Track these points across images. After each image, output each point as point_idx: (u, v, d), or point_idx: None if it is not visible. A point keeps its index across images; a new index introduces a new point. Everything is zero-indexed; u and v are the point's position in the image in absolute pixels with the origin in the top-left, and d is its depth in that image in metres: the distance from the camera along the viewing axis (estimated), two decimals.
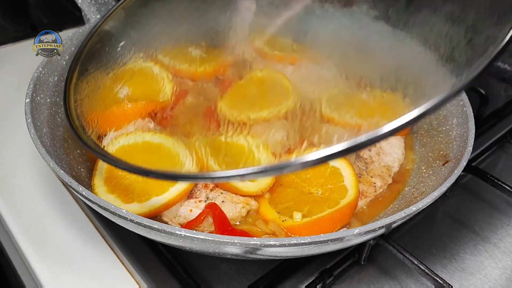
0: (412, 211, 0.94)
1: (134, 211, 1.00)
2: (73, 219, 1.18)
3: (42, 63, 1.22)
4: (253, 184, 1.12)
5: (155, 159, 1.11)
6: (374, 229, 0.90)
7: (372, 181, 1.21)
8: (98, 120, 1.23)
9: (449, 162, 1.16)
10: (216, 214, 1.05)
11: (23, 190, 1.25)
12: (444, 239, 1.27)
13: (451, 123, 1.28)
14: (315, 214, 1.08)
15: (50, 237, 1.14)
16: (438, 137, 1.30)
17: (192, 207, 1.08)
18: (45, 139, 1.10)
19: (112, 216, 0.91)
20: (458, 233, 1.29)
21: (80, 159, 1.20)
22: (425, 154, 1.30)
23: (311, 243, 0.86)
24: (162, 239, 0.92)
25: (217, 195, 1.10)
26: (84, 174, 1.16)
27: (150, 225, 0.86)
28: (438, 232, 1.29)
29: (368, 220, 1.16)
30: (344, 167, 1.17)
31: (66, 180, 0.94)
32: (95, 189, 1.07)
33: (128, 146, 1.13)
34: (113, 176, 1.08)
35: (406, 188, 1.23)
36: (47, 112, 1.19)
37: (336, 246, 0.93)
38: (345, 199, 1.11)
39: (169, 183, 1.06)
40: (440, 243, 1.26)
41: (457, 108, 1.28)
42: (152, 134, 1.16)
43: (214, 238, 0.84)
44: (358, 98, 1.36)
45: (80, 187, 0.92)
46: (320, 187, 1.14)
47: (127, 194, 1.05)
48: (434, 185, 1.11)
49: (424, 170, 1.24)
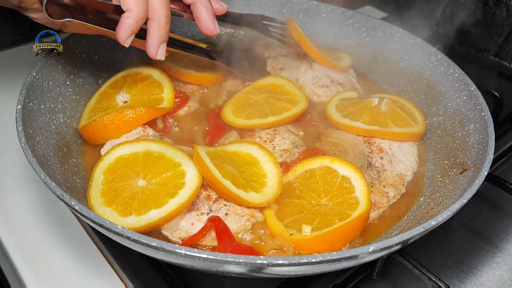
0: (431, 226, 0.88)
1: (131, 225, 0.94)
2: (59, 218, 1.17)
3: (36, 67, 1.16)
4: (258, 195, 1.06)
5: (156, 169, 1.04)
6: (391, 246, 0.83)
7: (384, 191, 1.14)
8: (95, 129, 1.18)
9: (468, 170, 1.09)
10: (219, 228, 0.98)
11: (14, 199, 1.22)
12: (460, 251, 1.20)
13: (467, 128, 1.21)
14: (325, 228, 1.01)
15: (35, 237, 1.13)
16: (454, 144, 1.23)
17: (193, 220, 1.01)
18: (37, 148, 1.04)
19: (107, 232, 0.85)
20: (475, 245, 1.22)
21: (75, 169, 1.14)
22: (439, 162, 1.24)
23: (322, 261, 0.79)
24: (161, 257, 0.86)
25: (221, 207, 1.04)
26: (80, 184, 1.10)
27: (148, 242, 0.79)
28: (454, 244, 1.22)
29: (381, 232, 1.09)
30: (355, 176, 1.10)
31: (57, 193, 0.88)
32: (90, 201, 1.00)
33: (127, 156, 1.07)
34: (110, 188, 1.01)
35: (421, 198, 1.16)
36: (41, 119, 1.13)
37: (349, 264, 0.87)
38: (357, 211, 1.04)
39: (169, 194, 1.00)
40: (456, 255, 1.19)
41: (474, 113, 1.21)
42: (152, 143, 1.10)
43: (217, 257, 0.77)
44: (368, 104, 1.30)
45: (72, 201, 0.86)
46: (330, 198, 1.08)
47: (125, 206, 0.98)
48: (452, 195, 1.04)
49: (439, 179, 1.18)
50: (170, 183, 1.02)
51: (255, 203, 1.04)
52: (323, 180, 1.11)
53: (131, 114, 1.18)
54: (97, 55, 1.38)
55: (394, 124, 1.24)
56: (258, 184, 1.08)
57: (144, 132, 1.19)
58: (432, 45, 1.43)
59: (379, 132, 1.23)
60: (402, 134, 1.23)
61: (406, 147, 1.23)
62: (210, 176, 1.01)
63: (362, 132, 1.24)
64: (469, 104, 1.25)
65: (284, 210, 1.07)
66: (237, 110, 1.28)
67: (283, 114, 1.26)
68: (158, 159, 1.07)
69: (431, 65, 1.43)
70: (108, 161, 1.07)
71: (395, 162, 1.20)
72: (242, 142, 1.18)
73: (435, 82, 1.39)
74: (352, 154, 1.18)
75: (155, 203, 0.98)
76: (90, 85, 1.34)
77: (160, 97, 1.25)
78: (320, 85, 1.42)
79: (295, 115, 1.27)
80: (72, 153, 1.17)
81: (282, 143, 1.20)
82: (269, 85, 1.37)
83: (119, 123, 1.17)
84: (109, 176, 1.04)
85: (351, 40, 1.62)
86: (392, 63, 1.53)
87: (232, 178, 1.05)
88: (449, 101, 1.33)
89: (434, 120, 1.34)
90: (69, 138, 1.20)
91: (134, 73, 1.31)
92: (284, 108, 1.28)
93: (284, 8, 1.65)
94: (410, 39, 1.49)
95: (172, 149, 1.09)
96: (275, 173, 1.11)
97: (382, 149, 1.21)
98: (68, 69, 1.27)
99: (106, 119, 1.17)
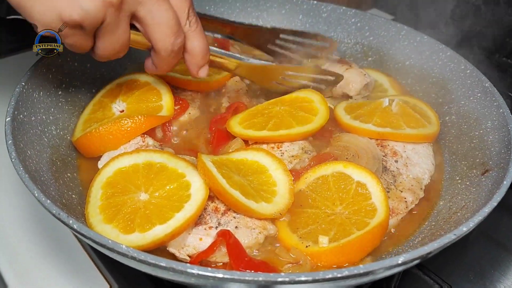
0: (462, 232, 0.81)
1: (135, 243, 0.87)
2: (44, 217, 1.13)
3: (25, 77, 1.09)
4: (269, 205, 0.98)
5: (158, 182, 0.97)
6: (421, 256, 0.76)
7: (402, 196, 1.07)
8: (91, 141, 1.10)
9: (490, 171, 1.03)
10: (230, 243, 0.90)
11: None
12: (482, 263, 1.12)
13: (485, 126, 1.15)
14: (342, 238, 0.94)
15: (17, 236, 1.10)
16: (471, 143, 1.16)
17: (202, 235, 0.94)
18: (29, 163, 0.96)
19: (109, 252, 0.77)
20: (497, 255, 1.15)
21: (71, 184, 1.06)
22: (457, 163, 1.17)
23: (349, 276, 0.72)
24: (171, 277, 0.78)
25: (230, 220, 0.96)
26: (76, 200, 1.02)
27: (155, 263, 0.72)
28: (474, 255, 1.14)
29: (402, 240, 1.02)
30: (371, 181, 1.03)
31: (53, 212, 0.80)
32: (89, 218, 0.92)
33: (127, 168, 0.99)
34: (110, 204, 0.94)
35: (441, 202, 1.10)
36: (32, 132, 1.06)
37: (377, 277, 0.80)
38: (375, 219, 0.97)
39: (174, 208, 0.92)
40: (477, 267, 1.11)
41: (490, 110, 1.16)
42: (153, 153, 1.02)
43: (234, 276, 0.70)
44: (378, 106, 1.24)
45: (70, 220, 0.78)
46: (345, 206, 1.01)
47: (127, 223, 0.90)
48: (476, 198, 0.98)
49: (459, 181, 1.11)
50: (175, 196, 0.95)
51: (267, 214, 0.97)
52: (337, 187, 1.04)
53: (129, 124, 1.10)
54: (89, 63, 1.29)
55: (407, 125, 1.17)
56: (268, 194, 1.01)
57: (144, 142, 1.11)
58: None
59: (392, 134, 1.16)
60: (416, 136, 1.17)
61: (421, 149, 1.17)
62: (218, 187, 0.94)
63: (373, 134, 1.17)
64: (484, 101, 1.19)
65: (298, 220, 1.00)
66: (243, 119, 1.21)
67: (279, 131, 1.15)
68: (160, 170, 0.99)
69: (440, 63, 1.37)
70: (107, 174, 0.99)
71: (410, 165, 1.13)
72: (248, 149, 1.11)
73: (446, 80, 1.34)
74: (365, 158, 1.11)
75: (159, 218, 0.91)
76: (84, 95, 1.27)
77: (159, 105, 1.18)
78: None
79: (294, 135, 1.16)
80: (67, 167, 1.09)
81: (291, 149, 1.13)
82: (296, 99, 1.26)
83: (116, 133, 1.10)
84: (108, 191, 0.96)
85: (354, 40, 1.55)
86: (398, 62, 1.47)
87: (241, 188, 0.97)
88: (462, 99, 1.27)
89: (447, 120, 1.27)
90: (63, 151, 1.12)
91: (130, 80, 1.24)
92: (288, 125, 1.17)
93: (282, 9, 1.59)
94: (416, 36, 1.43)
95: (174, 159, 1.01)
96: (285, 181, 1.04)
97: (396, 152, 1.15)
98: (60, 78, 1.20)
99: (102, 129, 1.09)
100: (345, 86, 1.32)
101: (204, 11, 1.55)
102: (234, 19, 1.56)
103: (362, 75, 1.33)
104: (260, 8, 1.58)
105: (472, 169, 1.10)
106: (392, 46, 1.48)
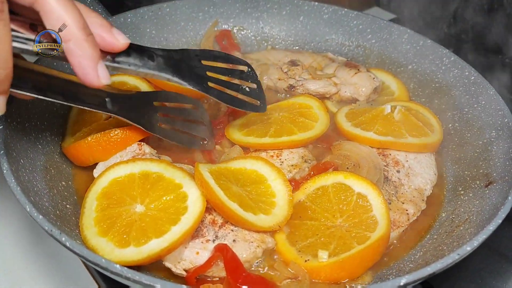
0: (466, 252, 0.79)
1: (130, 257, 0.84)
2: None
3: None
4: (268, 217, 0.96)
5: (154, 193, 0.94)
6: (424, 277, 0.74)
7: (403, 208, 1.05)
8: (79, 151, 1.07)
9: (494, 183, 1.01)
10: (228, 258, 0.88)
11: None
12: (483, 274, 1.10)
13: (489, 136, 1.13)
14: (342, 253, 0.92)
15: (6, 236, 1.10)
16: (474, 153, 1.14)
17: (198, 248, 0.92)
18: (22, 173, 0.94)
19: (103, 270, 0.75)
20: (498, 267, 1.12)
21: (65, 193, 1.04)
22: (459, 173, 1.15)
23: None
24: None
25: (227, 233, 0.94)
26: (71, 211, 0.99)
27: (151, 284, 0.69)
28: (475, 267, 1.11)
29: (402, 254, 1.00)
30: (372, 193, 1.00)
31: (46, 228, 0.78)
32: (84, 230, 0.90)
33: (123, 178, 0.97)
34: (105, 216, 0.91)
35: (443, 213, 1.07)
36: (25, 139, 1.03)
37: None
38: (376, 232, 0.95)
39: (170, 221, 0.90)
40: (478, 279, 1.09)
41: (495, 119, 1.13)
42: (149, 162, 1.00)
43: None
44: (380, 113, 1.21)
45: (63, 237, 0.76)
46: (346, 218, 0.98)
47: (122, 236, 0.88)
48: (480, 212, 0.96)
49: (461, 192, 1.09)
50: (171, 208, 0.92)
51: (265, 227, 0.95)
52: (337, 198, 1.02)
53: (119, 134, 1.07)
54: None
55: (409, 134, 1.15)
56: (267, 205, 0.99)
57: (140, 150, 1.08)
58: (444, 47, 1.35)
59: (394, 144, 1.14)
60: (419, 145, 1.14)
61: (424, 159, 1.14)
62: (216, 199, 0.92)
63: (375, 143, 1.15)
64: (489, 109, 1.17)
65: (297, 233, 0.98)
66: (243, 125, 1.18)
67: (281, 138, 1.13)
68: (157, 180, 0.97)
69: (443, 68, 1.34)
70: (102, 185, 0.97)
71: (412, 175, 1.11)
72: (247, 158, 1.09)
73: (449, 86, 1.31)
74: (366, 168, 1.09)
75: (155, 232, 0.88)
76: None
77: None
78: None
79: (296, 142, 1.14)
80: (61, 175, 1.07)
81: (290, 158, 1.11)
82: (294, 105, 1.25)
83: (106, 144, 1.06)
84: (104, 202, 0.94)
85: (355, 43, 1.52)
86: (400, 66, 1.44)
87: (239, 199, 0.95)
88: (465, 106, 1.24)
89: (449, 127, 1.25)
90: (57, 158, 1.10)
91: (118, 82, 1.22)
92: (289, 131, 1.15)
93: (283, 10, 1.55)
94: (419, 40, 1.40)
95: (171, 169, 0.99)
96: (284, 192, 1.02)
97: (398, 161, 1.12)
98: None
99: (91, 140, 1.06)
100: (354, 91, 1.30)
101: (204, 12, 1.52)
102: (234, 19, 1.54)
103: (371, 79, 1.31)
104: (260, 9, 1.54)
105: (475, 180, 1.08)
106: (395, 50, 1.45)
